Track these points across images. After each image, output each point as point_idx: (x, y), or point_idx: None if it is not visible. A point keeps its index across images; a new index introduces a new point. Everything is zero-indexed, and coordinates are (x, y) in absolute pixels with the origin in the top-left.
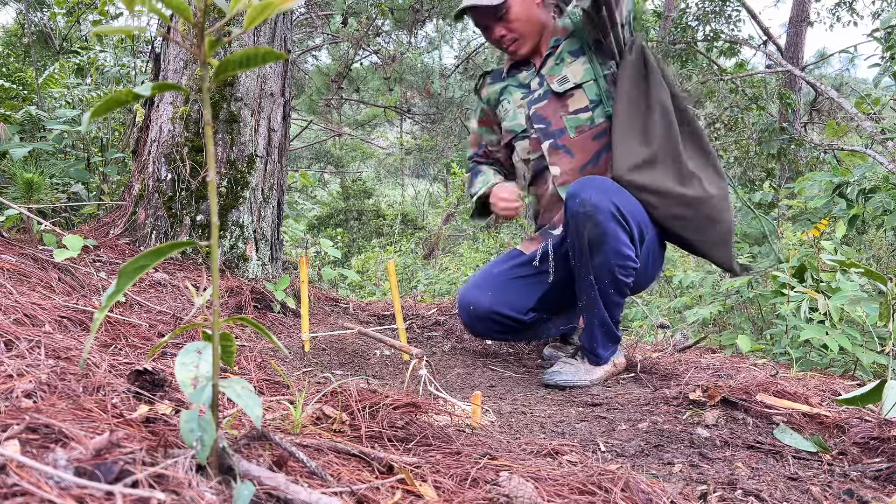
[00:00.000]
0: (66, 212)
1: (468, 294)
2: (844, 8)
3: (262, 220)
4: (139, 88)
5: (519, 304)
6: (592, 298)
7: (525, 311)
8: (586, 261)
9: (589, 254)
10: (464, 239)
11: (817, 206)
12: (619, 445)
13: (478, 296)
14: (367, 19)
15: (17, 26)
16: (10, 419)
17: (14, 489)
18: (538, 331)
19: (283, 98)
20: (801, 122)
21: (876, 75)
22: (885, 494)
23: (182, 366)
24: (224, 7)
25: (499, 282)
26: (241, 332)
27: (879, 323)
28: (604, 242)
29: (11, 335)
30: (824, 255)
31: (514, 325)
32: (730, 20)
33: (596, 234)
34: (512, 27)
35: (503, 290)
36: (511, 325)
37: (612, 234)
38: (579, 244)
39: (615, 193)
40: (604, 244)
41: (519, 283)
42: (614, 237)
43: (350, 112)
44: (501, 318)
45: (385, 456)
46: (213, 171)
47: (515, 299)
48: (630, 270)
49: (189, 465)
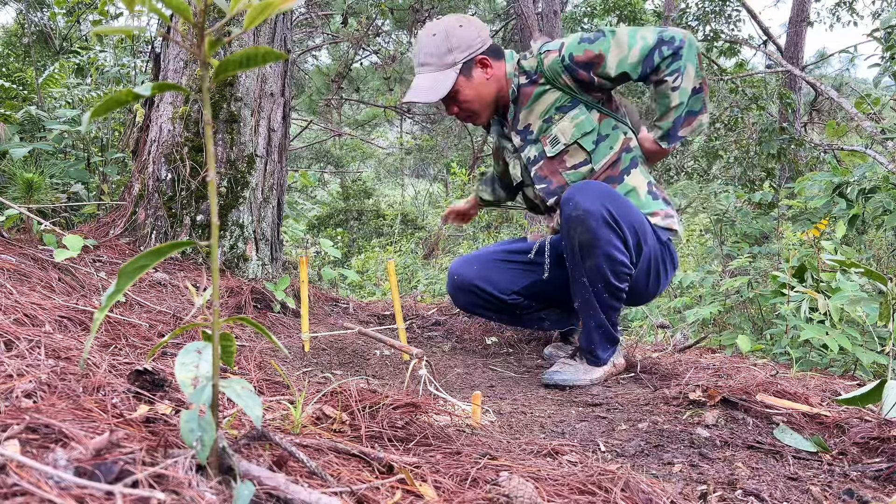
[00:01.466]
0: (66, 212)
1: (456, 265)
2: (844, 8)
3: (262, 220)
4: (139, 88)
5: (502, 284)
6: (587, 301)
7: (508, 292)
8: (579, 264)
9: (580, 257)
10: (464, 239)
11: (817, 206)
12: (619, 445)
13: (464, 268)
14: (367, 19)
15: (17, 26)
16: (10, 419)
17: (14, 489)
18: (529, 319)
19: (283, 98)
20: (801, 122)
21: (876, 75)
22: (885, 494)
23: (182, 366)
24: (224, 7)
25: (488, 261)
26: (241, 332)
27: (879, 323)
28: (595, 247)
29: (11, 335)
30: (824, 255)
31: (494, 303)
32: (730, 20)
33: (587, 239)
34: (464, 106)
35: (490, 268)
36: (492, 302)
37: (604, 239)
38: (571, 247)
39: (610, 199)
40: (595, 248)
41: (508, 266)
42: (606, 242)
43: (350, 112)
44: (482, 293)
45: (385, 456)
46: (213, 170)
47: (499, 279)
48: (624, 276)
49: (189, 465)
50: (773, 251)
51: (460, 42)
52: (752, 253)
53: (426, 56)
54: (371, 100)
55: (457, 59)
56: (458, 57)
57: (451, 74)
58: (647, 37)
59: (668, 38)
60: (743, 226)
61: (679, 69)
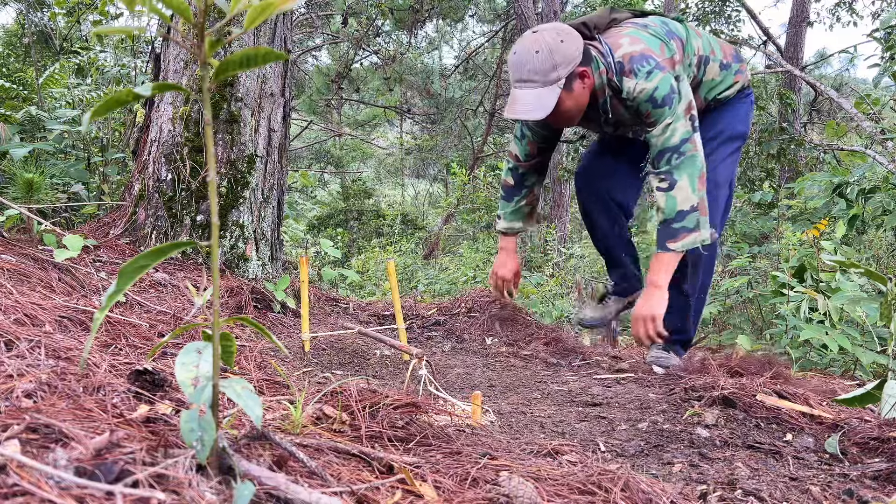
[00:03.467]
0: (66, 212)
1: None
2: (844, 8)
3: (262, 220)
4: (139, 89)
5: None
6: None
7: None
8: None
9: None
10: (464, 239)
11: (817, 207)
12: (619, 445)
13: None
14: (367, 19)
15: (17, 26)
16: (11, 419)
17: (14, 489)
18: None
19: (283, 98)
20: (801, 122)
21: (876, 75)
22: (885, 494)
23: (182, 366)
24: (224, 7)
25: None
26: (241, 332)
27: (879, 323)
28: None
29: (12, 335)
30: (824, 255)
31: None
32: (730, 20)
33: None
34: (564, 115)
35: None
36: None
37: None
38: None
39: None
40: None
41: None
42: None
43: (350, 112)
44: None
45: (385, 456)
46: (213, 171)
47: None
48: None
49: (189, 465)
50: (773, 251)
51: (564, 58)
52: (752, 253)
53: (530, 73)
54: (371, 100)
55: (561, 76)
56: (563, 73)
57: (556, 90)
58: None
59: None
60: (743, 226)
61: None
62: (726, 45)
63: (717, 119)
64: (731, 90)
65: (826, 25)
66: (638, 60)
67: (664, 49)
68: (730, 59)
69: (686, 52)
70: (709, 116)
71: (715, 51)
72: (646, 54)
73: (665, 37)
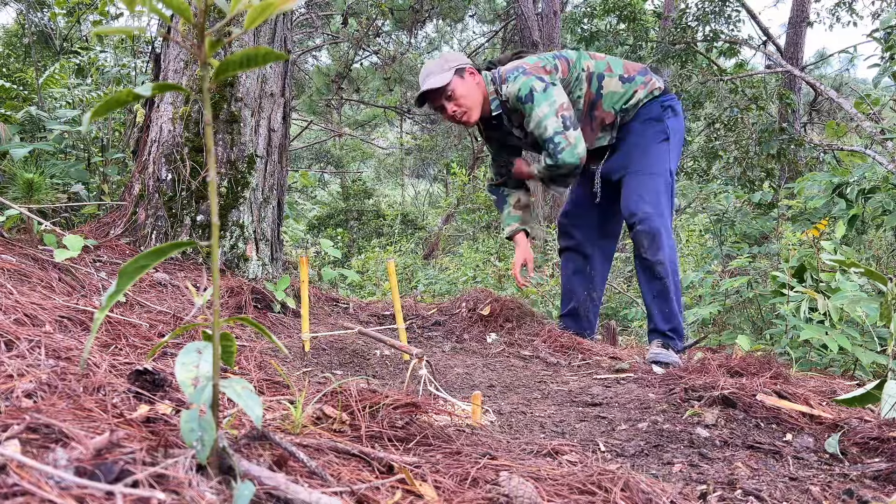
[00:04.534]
0: (66, 212)
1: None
2: (844, 8)
3: (262, 220)
4: (139, 89)
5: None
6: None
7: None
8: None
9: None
10: (464, 239)
11: (817, 207)
12: (619, 445)
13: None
14: (367, 19)
15: (17, 26)
16: (11, 419)
17: (14, 489)
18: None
19: (283, 98)
20: (801, 122)
21: (875, 75)
22: (885, 494)
23: (182, 366)
24: (224, 7)
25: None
26: (241, 332)
27: (879, 323)
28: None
29: (12, 335)
30: (824, 255)
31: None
32: (729, 20)
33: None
34: (460, 102)
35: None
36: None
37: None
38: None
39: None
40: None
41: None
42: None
43: (350, 112)
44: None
45: (385, 456)
46: (213, 171)
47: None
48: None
49: (189, 465)
50: (773, 251)
51: (454, 59)
52: (751, 253)
53: (429, 73)
54: (371, 100)
55: (452, 66)
56: (454, 65)
57: (449, 73)
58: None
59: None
60: (742, 226)
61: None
62: (633, 65)
63: (629, 144)
64: (633, 99)
65: (826, 25)
66: (510, 71)
67: (539, 62)
68: (633, 74)
69: (572, 68)
70: (623, 143)
71: (612, 68)
72: (517, 66)
73: (548, 57)
